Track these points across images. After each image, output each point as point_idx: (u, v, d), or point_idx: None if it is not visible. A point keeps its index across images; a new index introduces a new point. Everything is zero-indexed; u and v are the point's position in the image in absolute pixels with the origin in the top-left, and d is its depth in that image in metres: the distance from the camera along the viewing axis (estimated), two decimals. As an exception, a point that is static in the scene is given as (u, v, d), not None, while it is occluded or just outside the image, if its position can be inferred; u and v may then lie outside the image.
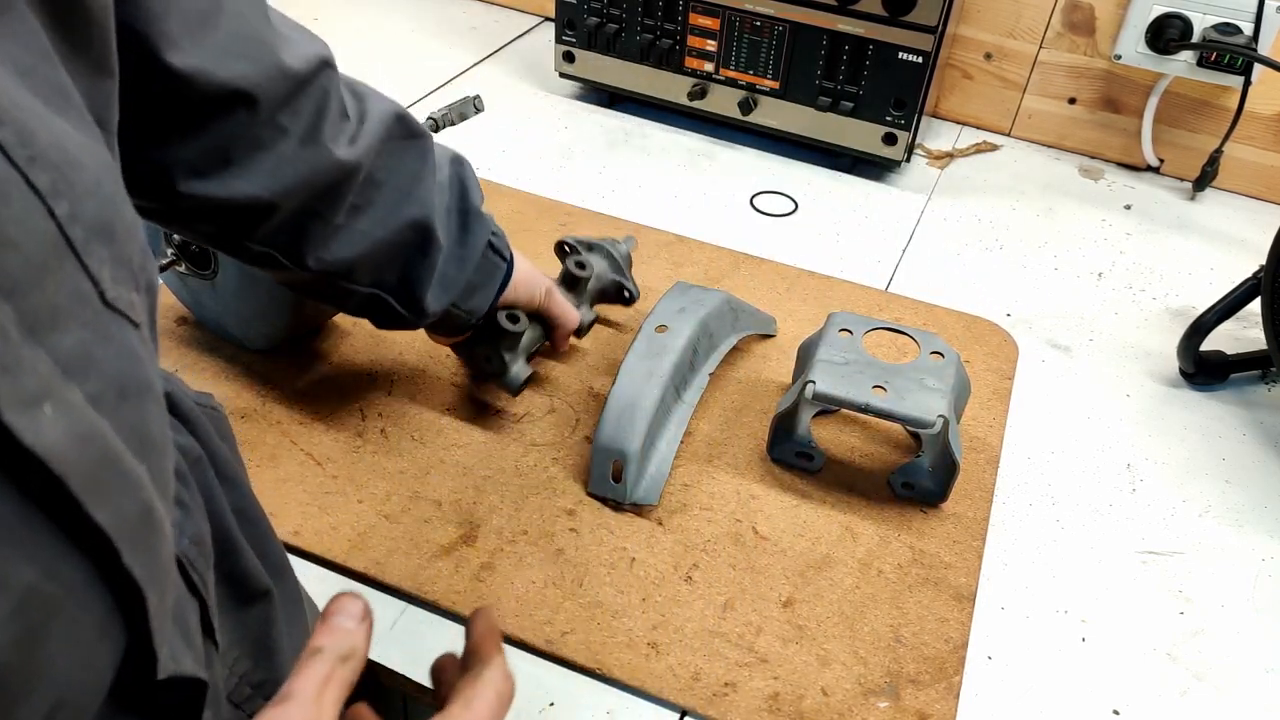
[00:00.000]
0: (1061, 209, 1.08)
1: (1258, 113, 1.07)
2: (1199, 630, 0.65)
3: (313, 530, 0.65)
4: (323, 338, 0.81)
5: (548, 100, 1.21)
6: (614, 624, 0.61)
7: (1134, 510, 0.73)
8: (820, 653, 0.60)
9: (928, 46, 0.98)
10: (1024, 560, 0.68)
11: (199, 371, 0.77)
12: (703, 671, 0.59)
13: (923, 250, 1.00)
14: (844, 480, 0.72)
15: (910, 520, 0.69)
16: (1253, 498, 0.74)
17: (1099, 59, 1.12)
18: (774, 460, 0.73)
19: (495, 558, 0.64)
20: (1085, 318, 0.92)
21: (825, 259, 0.97)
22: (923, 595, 0.64)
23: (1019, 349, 0.86)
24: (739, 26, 1.06)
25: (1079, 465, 0.76)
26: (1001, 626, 0.64)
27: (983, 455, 0.75)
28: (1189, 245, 1.04)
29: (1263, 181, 1.11)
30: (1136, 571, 0.68)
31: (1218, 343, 0.84)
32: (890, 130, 1.04)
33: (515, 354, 0.72)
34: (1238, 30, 0.99)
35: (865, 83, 1.03)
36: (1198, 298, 0.94)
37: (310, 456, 0.71)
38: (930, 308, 0.90)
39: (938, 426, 0.65)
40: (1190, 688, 0.61)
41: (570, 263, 0.78)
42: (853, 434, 0.76)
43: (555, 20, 1.15)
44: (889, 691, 0.58)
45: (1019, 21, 1.13)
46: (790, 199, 1.06)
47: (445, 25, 1.38)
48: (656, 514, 0.68)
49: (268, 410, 0.74)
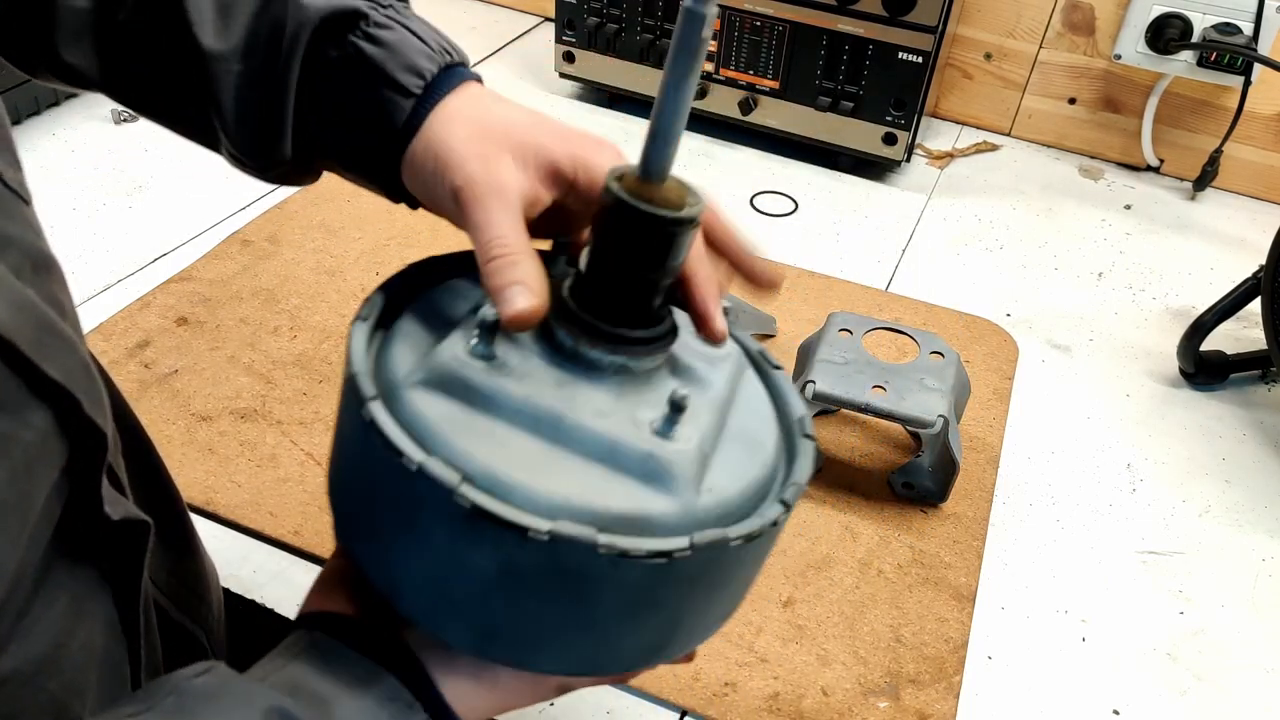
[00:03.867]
0: (1061, 209, 1.08)
1: (1258, 113, 1.07)
2: (1199, 630, 0.65)
3: (313, 530, 0.65)
4: (323, 338, 0.81)
5: (548, 100, 1.21)
6: (614, 624, 0.61)
7: (1134, 510, 0.73)
8: (820, 653, 0.60)
9: (928, 46, 0.98)
10: (1024, 560, 0.68)
11: (198, 372, 0.77)
12: (703, 671, 0.59)
13: (923, 250, 1.00)
14: (844, 480, 0.72)
15: (910, 520, 0.69)
16: (1253, 498, 0.74)
17: (1099, 59, 1.12)
18: (774, 460, 0.73)
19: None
20: (1085, 318, 0.92)
21: (825, 259, 0.97)
22: (923, 595, 0.64)
23: (1019, 349, 0.86)
24: (739, 26, 1.06)
25: (1079, 465, 0.76)
26: (1001, 626, 0.64)
27: (983, 455, 0.75)
28: (1189, 245, 1.03)
29: (1263, 181, 1.11)
30: (1136, 571, 0.68)
31: (1218, 343, 0.84)
32: (890, 130, 1.04)
33: None
34: (1238, 30, 0.99)
35: (865, 83, 1.03)
36: (1198, 298, 0.94)
37: (310, 456, 0.71)
38: (930, 308, 0.90)
39: (938, 426, 0.65)
40: (1190, 688, 0.61)
41: None
42: (853, 434, 0.76)
43: (555, 20, 1.15)
44: (889, 691, 0.58)
45: (1019, 21, 1.13)
46: (790, 199, 1.06)
47: (445, 25, 1.36)
48: (656, 514, 0.68)
49: (268, 410, 0.74)
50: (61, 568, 0.32)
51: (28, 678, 0.30)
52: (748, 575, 0.34)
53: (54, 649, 0.32)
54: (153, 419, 0.73)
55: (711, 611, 0.33)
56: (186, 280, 0.87)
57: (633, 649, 0.31)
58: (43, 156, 1.02)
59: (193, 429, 0.72)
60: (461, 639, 0.30)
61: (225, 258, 0.90)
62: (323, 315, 0.83)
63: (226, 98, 0.38)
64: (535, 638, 0.30)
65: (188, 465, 0.69)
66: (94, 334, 0.80)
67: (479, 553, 0.28)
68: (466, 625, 0.30)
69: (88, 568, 0.34)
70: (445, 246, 0.37)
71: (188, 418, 0.73)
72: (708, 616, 0.33)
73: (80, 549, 0.33)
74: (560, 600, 0.29)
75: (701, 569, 0.30)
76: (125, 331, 0.80)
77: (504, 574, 0.28)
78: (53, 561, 0.31)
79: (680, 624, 0.32)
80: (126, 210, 0.96)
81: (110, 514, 0.33)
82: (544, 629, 0.29)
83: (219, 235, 0.93)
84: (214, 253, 0.91)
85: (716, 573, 0.31)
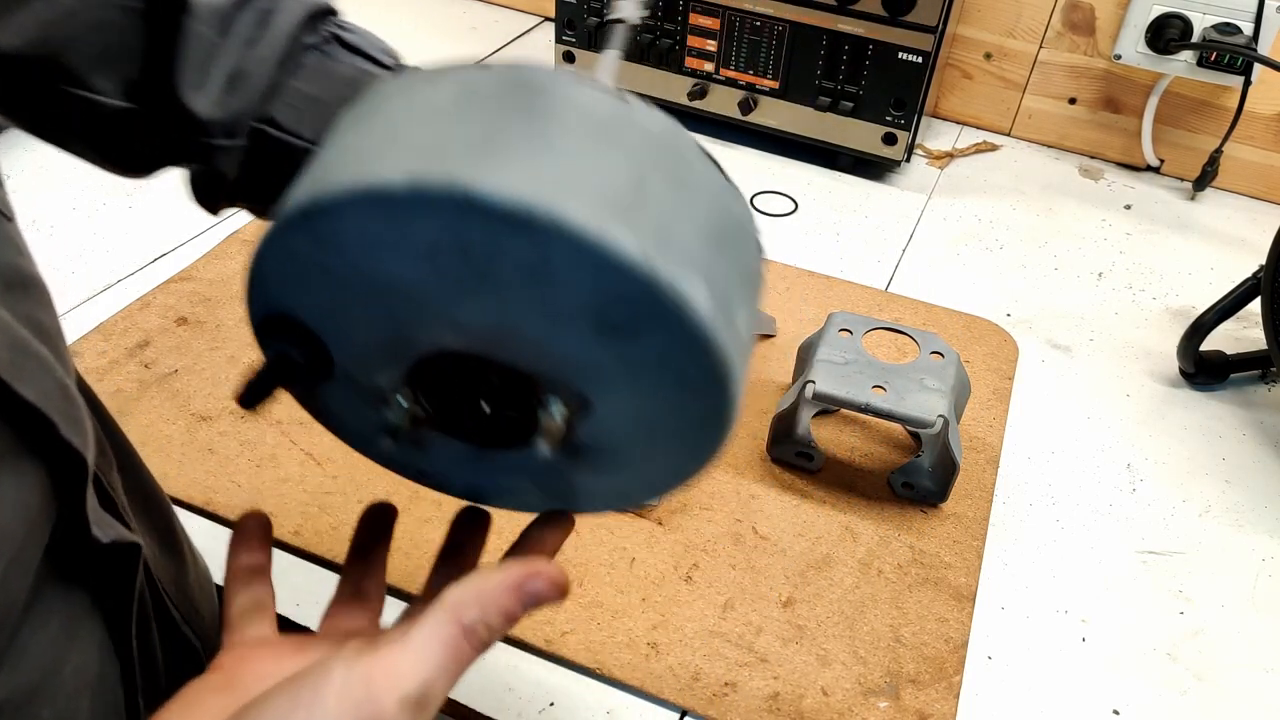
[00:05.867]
0: (1061, 209, 1.08)
1: (1258, 113, 1.07)
2: (1199, 630, 0.65)
3: (313, 530, 0.65)
4: (323, 338, 0.81)
5: (548, 100, 1.21)
6: (614, 624, 0.61)
7: (1134, 510, 0.73)
8: (820, 653, 0.60)
9: (928, 46, 0.98)
10: (1024, 560, 0.68)
11: (198, 372, 0.77)
12: (703, 671, 0.59)
13: (923, 250, 1.00)
14: (844, 480, 0.72)
15: (910, 520, 0.69)
16: (1253, 498, 0.74)
17: (1099, 59, 1.12)
18: (774, 460, 0.73)
19: (495, 558, 0.64)
20: (1085, 318, 0.92)
21: (825, 259, 0.97)
22: (923, 595, 0.64)
23: (1019, 349, 0.86)
24: (739, 26, 1.06)
25: (1079, 465, 0.76)
26: (1001, 626, 0.64)
27: (983, 455, 0.75)
28: (1189, 245, 1.04)
29: (1263, 181, 1.11)
30: (1136, 571, 0.68)
31: (1218, 343, 0.84)
32: (890, 130, 1.04)
33: None
34: (1238, 30, 0.99)
35: (865, 83, 1.03)
36: (1198, 298, 0.94)
37: (310, 456, 0.71)
38: (930, 308, 0.90)
39: (938, 426, 0.65)
40: (1190, 688, 0.61)
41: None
42: (853, 434, 0.76)
43: (555, 20, 1.15)
44: (889, 691, 0.58)
45: (1019, 21, 1.13)
46: (790, 199, 1.06)
47: (445, 25, 1.38)
48: (656, 514, 0.68)
49: (268, 410, 0.74)
50: (52, 592, 0.32)
51: (19, 705, 0.30)
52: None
53: (47, 675, 0.31)
54: (153, 419, 0.73)
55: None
56: (186, 280, 0.87)
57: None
58: (42, 157, 1.02)
59: (193, 429, 0.72)
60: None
61: (225, 257, 0.90)
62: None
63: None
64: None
65: (188, 465, 0.69)
66: (94, 334, 0.80)
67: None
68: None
69: (79, 591, 0.34)
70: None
71: (188, 418, 0.73)
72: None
73: (71, 572, 0.33)
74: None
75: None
76: (125, 331, 0.80)
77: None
78: (43, 585, 0.31)
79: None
80: (126, 210, 0.96)
81: (99, 537, 0.33)
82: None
83: (219, 235, 0.93)
84: (214, 253, 0.91)
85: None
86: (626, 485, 0.36)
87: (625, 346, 0.28)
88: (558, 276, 0.26)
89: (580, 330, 0.28)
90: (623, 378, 0.30)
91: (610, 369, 0.29)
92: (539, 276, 0.27)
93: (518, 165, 0.26)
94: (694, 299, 0.27)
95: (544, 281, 0.27)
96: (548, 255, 0.26)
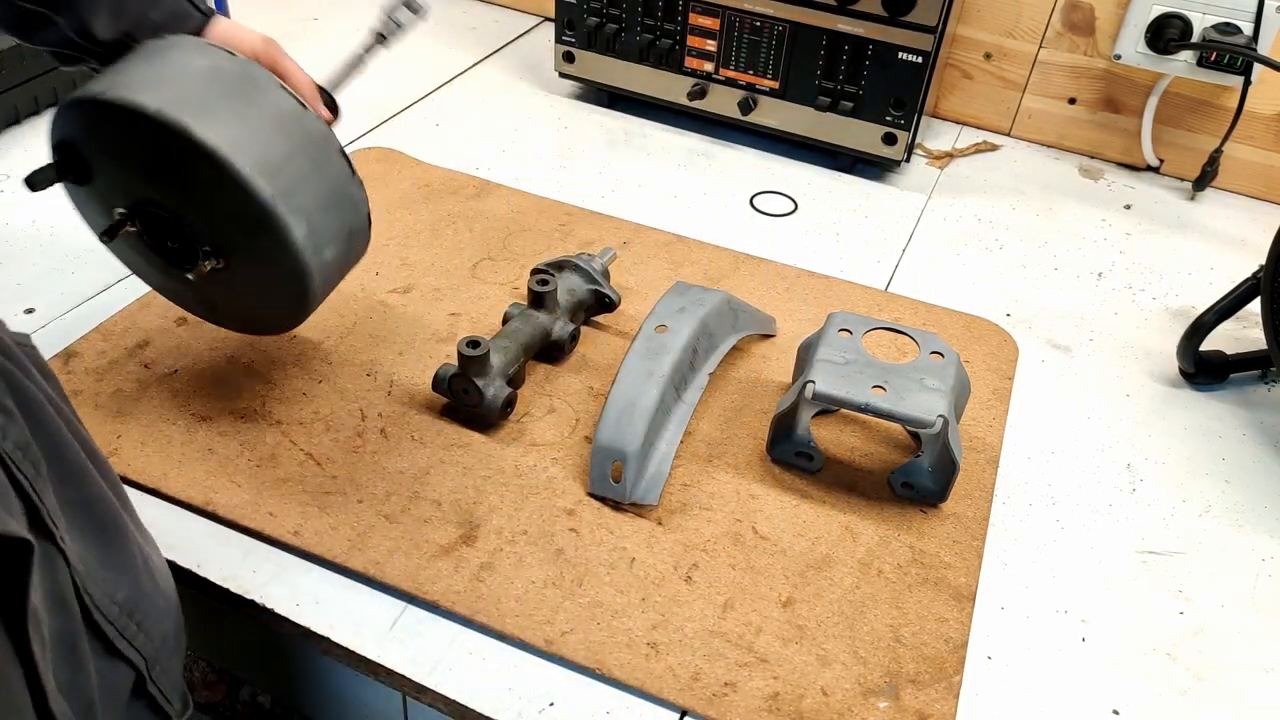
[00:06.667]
0: (1061, 209, 1.08)
1: (1257, 113, 1.07)
2: (1199, 630, 0.65)
3: (313, 530, 0.65)
4: (322, 338, 0.81)
5: (547, 100, 1.21)
6: (614, 624, 0.61)
7: (1134, 510, 0.73)
8: (820, 653, 0.60)
9: (927, 46, 0.98)
10: (1024, 560, 0.68)
11: (198, 372, 0.77)
12: (703, 671, 0.59)
13: (923, 250, 1.00)
14: (844, 480, 0.72)
15: (910, 520, 0.69)
16: (1253, 498, 0.74)
17: (1099, 59, 1.12)
18: (774, 460, 0.73)
19: (495, 558, 0.64)
20: (1085, 318, 0.92)
21: (825, 259, 0.97)
22: (923, 595, 0.64)
23: (1019, 349, 0.86)
24: (739, 26, 1.06)
25: (1079, 465, 0.76)
26: (1001, 626, 0.64)
27: (983, 455, 0.75)
28: (1189, 245, 1.04)
29: (1263, 181, 1.11)
30: (1136, 571, 0.68)
31: (1218, 343, 0.84)
32: (890, 130, 1.04)
33: (489, 378, 0.71)
34: (1238, 30, 0.99)
35: (865, 83, 1.03)
36: (1198, 298, 0.94)
37: (310, 456, 0.71)
38: (930, 308, 0.90)
39: (938, 426, 0.65)
40: (1190, 688, 0.61)
41: (533, 281, 0.78)
42: (853, 434, 0.76)
43: (555, 20, 1.15)
44: (889, 691, 0.58)
45: (1019, 21, 1.13)
46: (790, 199, 1.06)
47: (445, 25, 1.38)
48: (656, 514, 0.68)
49: (268, 410, 0.74)
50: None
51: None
52: None
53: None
54: (153, 419, 0.73)
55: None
56: (186, 280, 0.87)
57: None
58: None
59: (193, 429, 0.72)
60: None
61: (225, 258, 0.90)
62: (321, 315, 0.83)
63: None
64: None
65: (188, 465, 0.69)
66: (94, 334, 0.80)
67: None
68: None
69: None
70: (444, 247, 0.37)
71: (188, 418, 0.73)
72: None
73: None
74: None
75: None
76: (125, 331, 0.80)
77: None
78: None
79: None
80: (126, 210, 0.96)
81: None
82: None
83: (219, 235, 0.93)
84: (214, 253, 0.91)
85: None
86: (247, 315, 0.70)
87: (250, 241, 0.60)
88: (223, 193, 0.56)
89: (229, 225, 0.60)
90: (250, 260, 0.62)
91: (243, 251, 0.61)
92: (213, 190, 0.57)
93: (220, 125, 0.56)
94: (294, 230, 0.58)
95: (215, 191, 0.57)
96: (221, 181, 0.56)
